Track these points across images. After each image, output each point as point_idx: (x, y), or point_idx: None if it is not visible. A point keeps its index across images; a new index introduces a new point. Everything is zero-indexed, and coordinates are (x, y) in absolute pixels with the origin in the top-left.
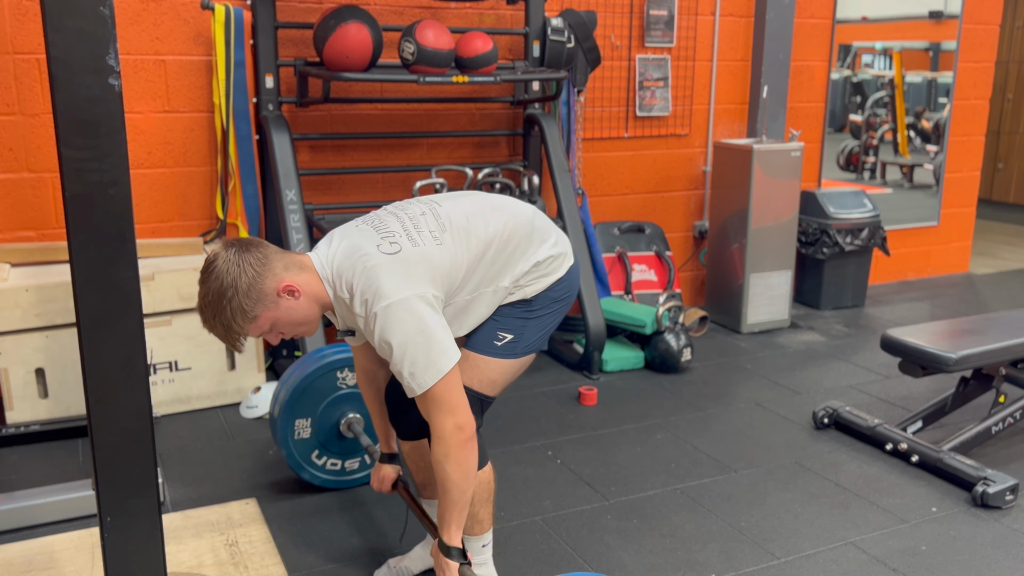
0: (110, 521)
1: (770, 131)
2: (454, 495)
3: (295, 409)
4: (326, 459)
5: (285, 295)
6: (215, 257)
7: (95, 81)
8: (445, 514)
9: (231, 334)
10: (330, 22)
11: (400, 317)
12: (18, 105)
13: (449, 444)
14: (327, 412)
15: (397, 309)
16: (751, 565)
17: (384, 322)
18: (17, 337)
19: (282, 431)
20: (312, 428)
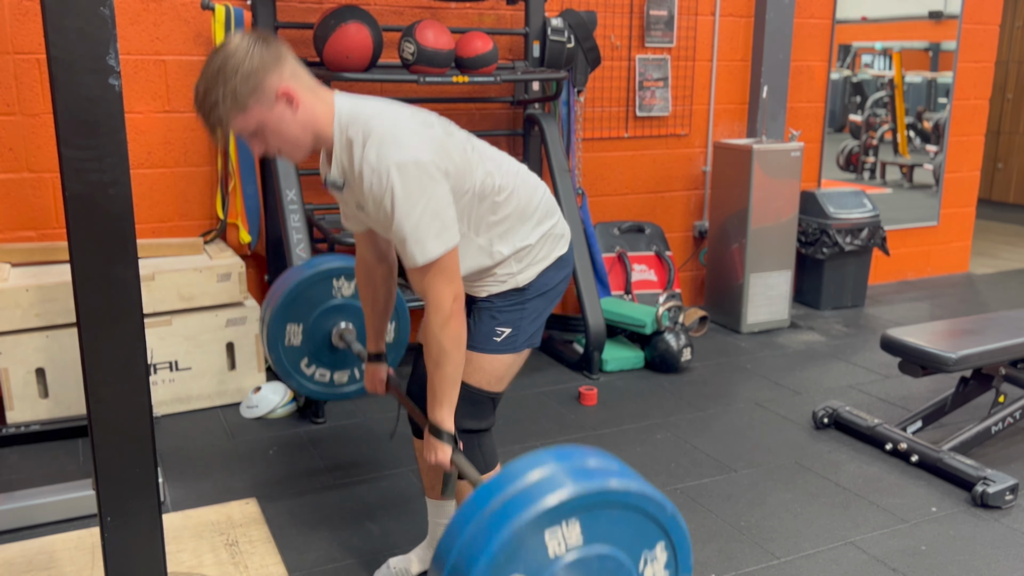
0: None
1: (770, 131)
2: (448, 368)
3: (288, 313)
4: (315, 368)
5: (283, 100)
6: (231, 39)
7: (95, 81)
8: (437, 391)
9: (214, 116)
10: (330, 22)
11: (417, 178)
12: (18, 105)
13: (447, 313)
14: (320, 321)
15: (416, 169)
16: (751, 565)
17: (398, 179)
18: (17, 337)
19: (272, 334)
20: (303, 335)
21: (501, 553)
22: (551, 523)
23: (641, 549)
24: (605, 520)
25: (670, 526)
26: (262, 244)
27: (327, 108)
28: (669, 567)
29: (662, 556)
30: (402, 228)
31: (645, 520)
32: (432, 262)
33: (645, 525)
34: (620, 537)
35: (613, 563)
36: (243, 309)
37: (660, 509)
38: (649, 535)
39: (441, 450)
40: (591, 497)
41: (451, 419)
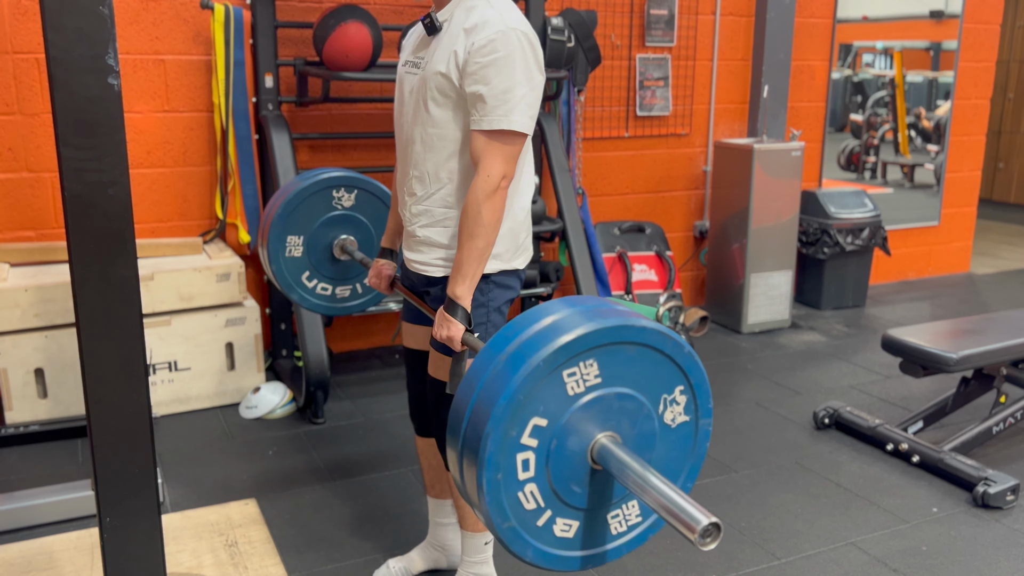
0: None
1: (771, 131)
2: (479, 242)
3: (287, 224)
4: (317, 282)
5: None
6: None
7: (94, 81)
8: (463, 264)
9: None
10: (330, 21)
11: (533, 55)
12: (18, 105)
13: (495, 185)
14: (320, 232)
15: (524, 42)
16: (751, 565)
17: (517, 45)
18: (17, 337)
19: (273, 246)
20: (304, 247)
21: (520, 393)
22: (568, 362)
23: (660, 392)
24: (623, 359)
25: (688, 367)
26: None
27: None
28: (688, 411)
29: (681, 399)
30: (499, 87)
31: (663, 361)
32: (506, 131)
33: (663, 366)
34: (638, 378)
35: (633, 403)
36: (242, 309)
37: (677, 348)
38: (668, 378)
39: (454, 326)
40: (607, 333)
41: (470, 296)
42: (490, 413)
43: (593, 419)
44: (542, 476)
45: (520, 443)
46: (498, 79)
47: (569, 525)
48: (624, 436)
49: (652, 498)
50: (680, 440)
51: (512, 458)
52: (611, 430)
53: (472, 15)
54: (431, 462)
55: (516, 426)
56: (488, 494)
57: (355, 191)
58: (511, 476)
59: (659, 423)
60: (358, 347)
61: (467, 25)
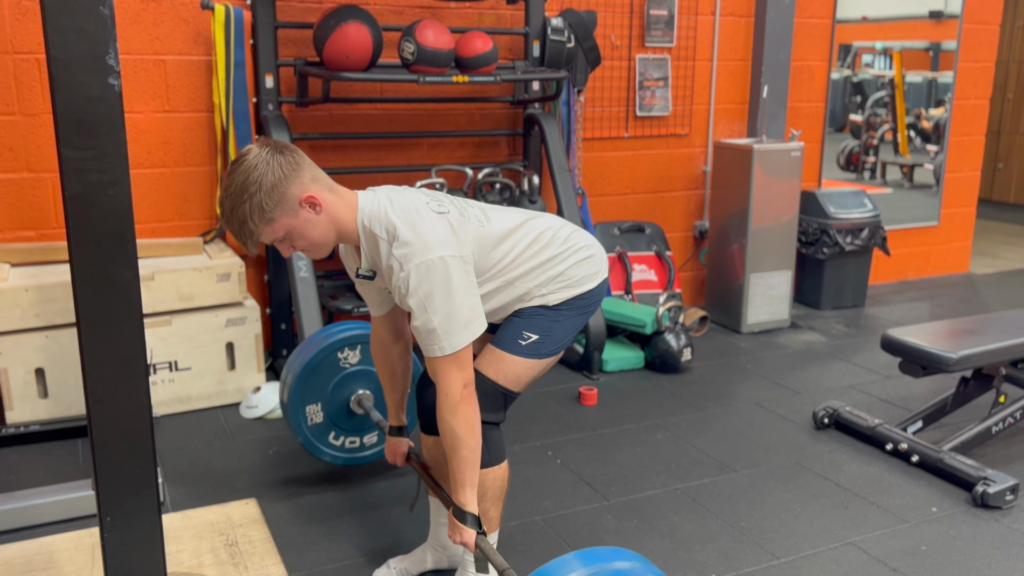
0: (110, 521)
1: (770, 131)
2: (464, 452)
3: (303, 396)
4: (343, 439)
5: (307, 206)
6: (248, 152)
7: (95, 81)
8: (458, 475)
9: (245, 231)
10: (330, 22)
11: (442, 275)
12: (18, 105)
13: (457, 400)
14: (335, 393)
15: (440, 267)
16: (751, 565)
17: (423, 277)
18: (17, 337)
19: (295, 420)
20: (323, 411)
21: None
22: None
23: None
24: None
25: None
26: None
27: (348, 206)
28: None
29: None
30: (429, 321)
31: None
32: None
33: None
34: None
35: None
36: (243, 309)
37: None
38: None
39: (465, 533)
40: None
41: (475, 501)
42: None
43: None
44: None
45: None
46: (429, 314)
47: None
48: None
49: None
50: None
51: None
52: None
53: (382, 260)
54: (438, 461)
55: None
56: None
57: (358, 347)
58: None
59: None
60: None
61: (384, 270)
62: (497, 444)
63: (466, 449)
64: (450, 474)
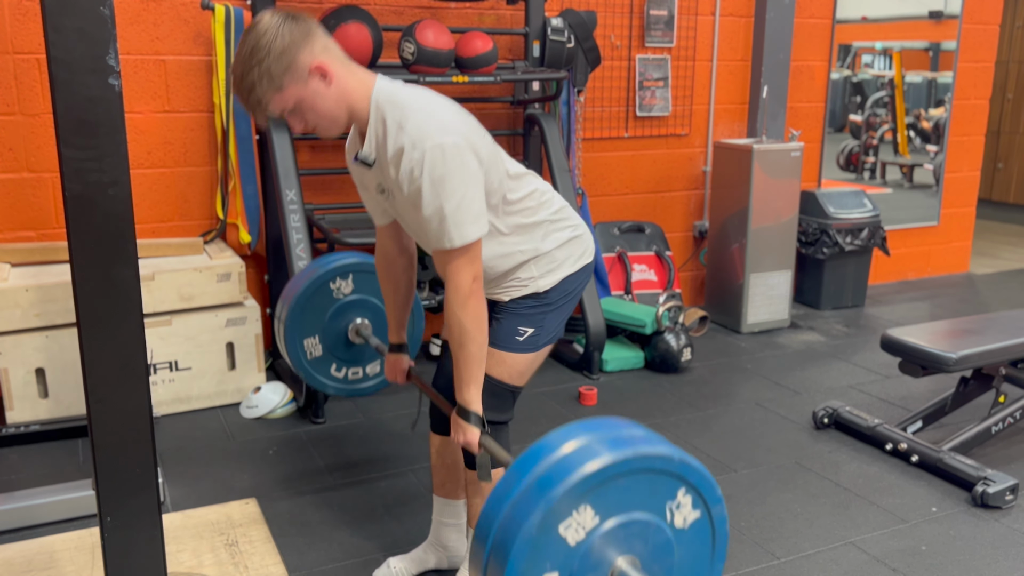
0: (110, 521)
1: (770, 131)
2: (471, 348)
3: (300, 330)
4: (346, 370)
5: (317, 75)
6: (260, 18)
7: (95, 81)
8: (463, 372)
9: (253, 98)
10: (330, 22)
11: (457, 161)
12: (18, 105)
13: (467, 293)
14: (331, 325)
15: (455, 152)
16: (751, 565)
17: (439, 160)
18: (17, 337)
19: (294, 356)
20: (322, 344)
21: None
22: (561, 517)
23: (663, 502)
24: (615, 492)
25: (683, 471)
26: (262, 244)
27: (361, 84)
28: (697, 506)
29: (686, 499)
30: (441, 209)
31: (657, 476)
32: (463, 245)
33: (659, 480)
34: (636, 502)
35: (638, 525)
36: (243, 309)
37: (666, 462)
38: (666, 487)
39: (469, 431)
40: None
41: (479, 400)
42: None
43: (604, 552)
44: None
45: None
46: (440, 199)
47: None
48: (640, 554)
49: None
50: (699, 534)
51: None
52: (627, 553)
53: (391, 140)
54: (445, 461)
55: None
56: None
57: (350, 275)
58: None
59: (672, 530)
60: None
61: (391, 151)
62: (506, 444)
63: (474, 344)
64: (455, 372)
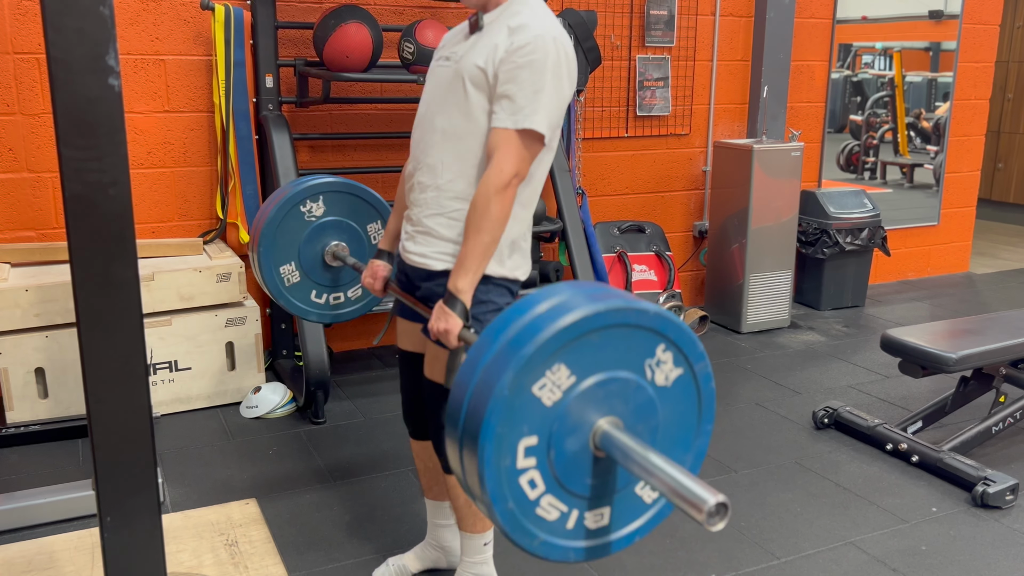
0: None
1: (770, 131)
2: (485, 236)
3: (274, 257)
4: (326, 296)
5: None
6: None
7: (95, 81)
8: (467, 258)
9: None
10: (330, 22)
11: (566, 64)
12: (18, 105)
13: (507, 181)
14: (306, 249)
15: (567, 58)
16: (751, 565)
17: (547, 50)
18: (17, 337)
19: (271, 285)
20: (299, 270)
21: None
22: (534, 378)
23: (642, 359)
24: (590, 350)
25: (661, 326)
26: None
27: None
28: (679, 363)
29: (666, 356)
30: (529, 87)
31: (633, 332)
32: (526, 131)
33: (635, 336)
34: (612, 360)
35: (617, 383)
36: (243, 309)
37: (641, 316)
38: (644, 343)
39: (451, 319)
40: (564, 333)
41: (471, 291)
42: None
43: (584, 412)
44: (544, 463)
45: (520, 434)
46: (528, 81)
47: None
48: (622, 415)
49: (657, 480)
50: (683, 393)
51: (514, 445)
52: (609, 414)
53: (516, 19)
54: (427, 465)
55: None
56: (490, 481)
57: (320, 197)
58: (512, 462)
59: (653, 389)
60: (358, 347)
61: (510, 25)
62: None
63: (488, 235)
64: (458, 257)
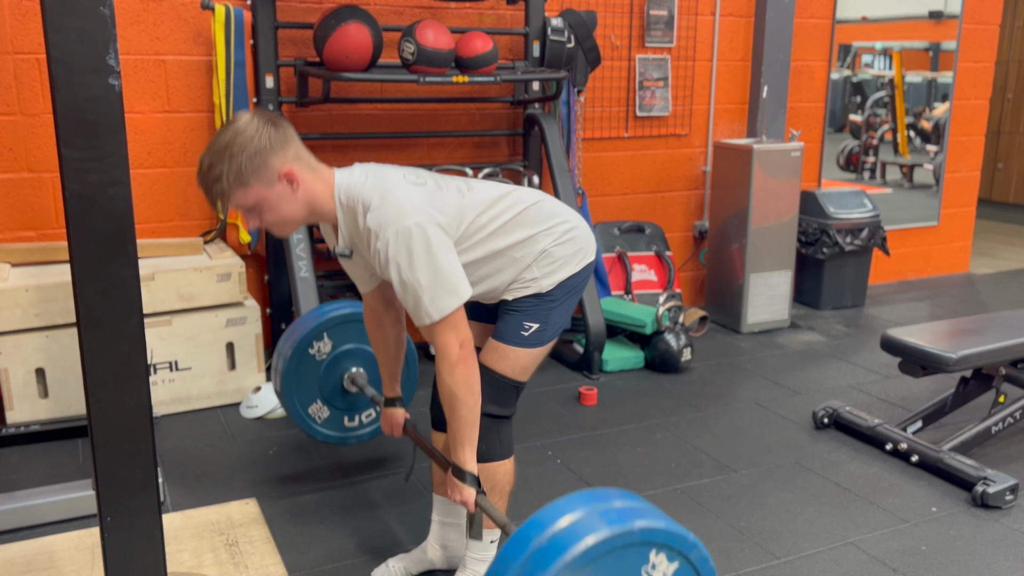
0: (110, 521)
1: (770, 131)
2: (463, 412)
3: (300, 401)
4: (358, 417)
5: (284, 180)
6: (240, 116)
7: (95, 81)
8: (457, 434)
9: (216, 189)
10: (330, 22)
11: (421, 240)
12: (18, 105)
13: (454, 359)
14: (326, 384)
15: (417, 231)
16: (751, 565)
17: (401, 243)
18: (17, 337)
19: (306, 427)
20: (327, 404)
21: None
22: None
23: (638, 569)
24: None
25: (647, 537)
26: (262, 244)
27: (326, 185)
28: (672, 559)
29: (660, 558)
30: (415, 289)
31: (622, 553)
32: (442, 317)
33: (625, 556)
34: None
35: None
36: (243, 309)
37: (627, 537)
38: (636, 556)
39: (466, 491)
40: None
41: (473, 460)
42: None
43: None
44: None
45: None
46: (411, 281)
47: None
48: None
49: None
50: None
51: None
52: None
53: (358, 225)
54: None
55: None
56: None
57: (324, 334)
58: None
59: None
60: None
61: (364, 242)
62: (508, 438)
63: (464, 408)
64: (449, 434)
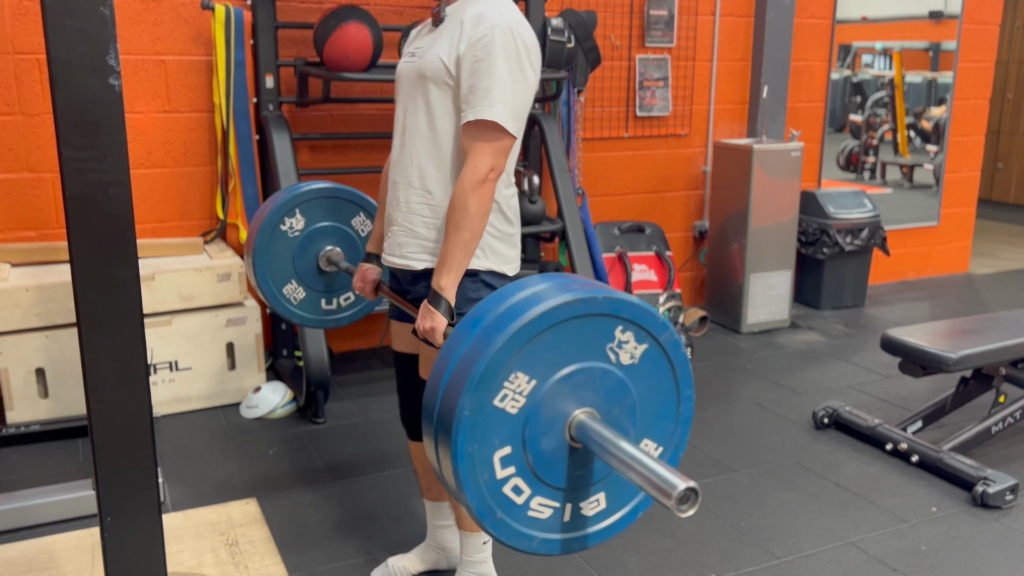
0: (110, 521)
1: (770, 131)
2: (464, 235)
3: (273, 280)
4: (336, 300)
5: None
6: None
7: (95, 81)
8: (448, 255)
9: None
10: (330, 22)
11: (518, 51)
12: (18, 105)
13: (483, 176)
14: (300, 263)
15: (526, 47)
16: (751, 565)
17: (506, 41)
18: (17, 337)
19: (281, 308)
20: (302, 285)
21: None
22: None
23: (602, 345)
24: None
25: (613, 309)
26: None
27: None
28: (641, 339)
29: (627, 336)
30: (488, 79)
31: (584, 323)
32: (492, 123)
33: (588, 327)
34: (571, 354)
35: (582, 376)
36: (243, 309)
37: (589, 305)
38: (599, 330)
39: (437, 318)
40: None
41: (455, 288)
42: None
43: (554, 410)
44: (524, 468)
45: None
46: (488, 73)
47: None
48: (595, 404)
49: (629, 468)
50: (653, 366)
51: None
52: (581, 406)
53: (474, 9)
54: (426, 465)
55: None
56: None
57: (296, 210)
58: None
59: (620, 370)
60: (358, 347)
61: (468, 18)
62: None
63: (467, 232)
64: (440, 255)
